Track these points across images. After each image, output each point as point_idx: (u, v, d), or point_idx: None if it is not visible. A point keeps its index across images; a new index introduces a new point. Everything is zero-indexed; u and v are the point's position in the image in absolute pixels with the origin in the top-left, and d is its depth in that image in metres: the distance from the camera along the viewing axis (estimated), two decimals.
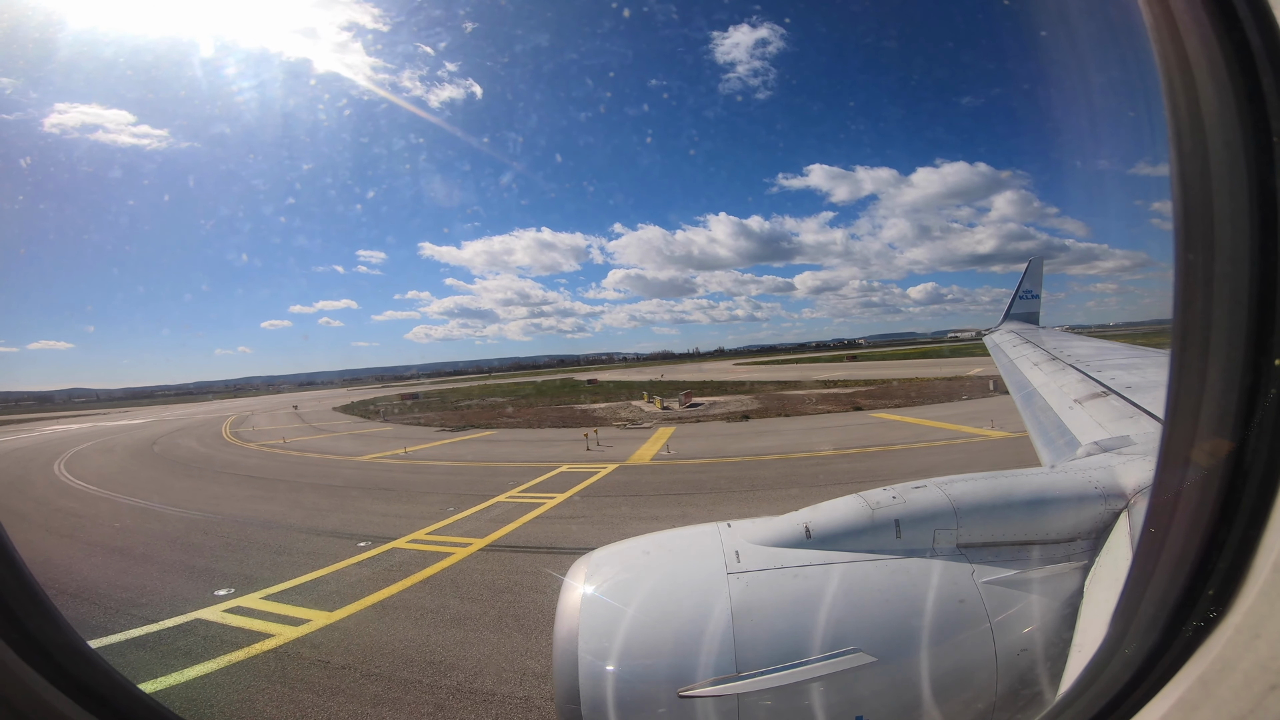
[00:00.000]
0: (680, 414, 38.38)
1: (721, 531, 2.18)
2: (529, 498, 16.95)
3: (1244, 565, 1.04)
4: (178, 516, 17.31)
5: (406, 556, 12.12)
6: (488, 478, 20.67)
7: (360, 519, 15.67)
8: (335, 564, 11.73)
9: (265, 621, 8.95)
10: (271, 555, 12.73)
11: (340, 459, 28.14)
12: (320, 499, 18.72)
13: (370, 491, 19.43)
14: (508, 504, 16.34)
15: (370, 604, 9.47)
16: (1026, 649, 1.81)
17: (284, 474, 24.49)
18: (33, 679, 1.23)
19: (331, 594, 10.04)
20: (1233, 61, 1.02)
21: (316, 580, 10.84)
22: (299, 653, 7.86)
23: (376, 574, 11.03)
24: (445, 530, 14.03)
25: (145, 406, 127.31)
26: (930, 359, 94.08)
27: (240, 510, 17.65)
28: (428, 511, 16.08)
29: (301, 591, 10.29)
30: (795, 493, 15.55)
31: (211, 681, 7.25)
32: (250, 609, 9.54)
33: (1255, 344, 1.03)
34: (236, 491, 20.93)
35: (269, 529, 15.10)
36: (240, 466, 27.46)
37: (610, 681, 1.80)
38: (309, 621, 8.84)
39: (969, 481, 2.16)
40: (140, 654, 8.08)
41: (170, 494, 21.04)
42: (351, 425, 47.24)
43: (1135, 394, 3.78)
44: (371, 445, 32.18)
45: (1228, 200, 1.04)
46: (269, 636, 8.36)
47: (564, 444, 28.13)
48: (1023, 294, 13.86)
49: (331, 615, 9.06)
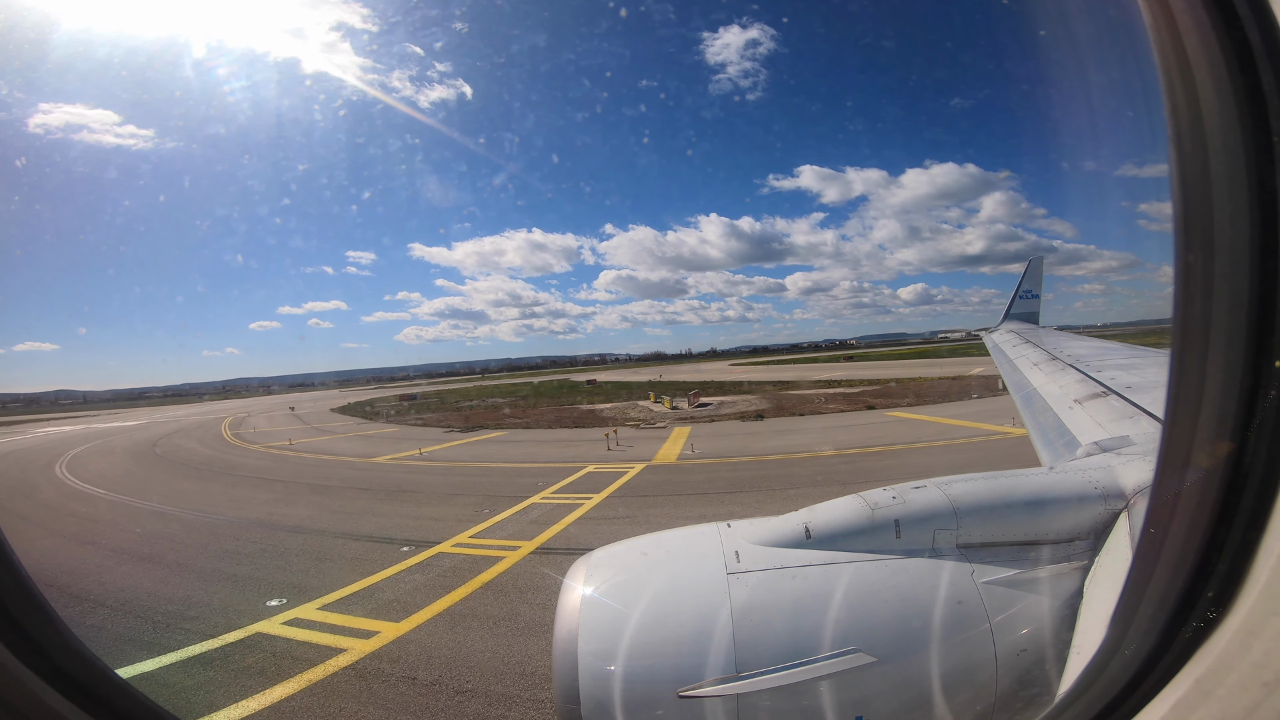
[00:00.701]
0: (691, 414, 38.09)
1: (721, 532, 2.17)
2: (564, 499, 16.60)
3: (1244, 566, 1.04)
4: (201, 521, 16.76)
5: (456, 561, 11.73)
6: (514, 479, 20.28)
7: (394, 522, 15.23)
8: (384, 570, 11.31)
9: (331, 634, 8.52)
10: (313, 562, 12.28)
11: (354, 460, 27.57)
12: (345, 502, 18.23)
13: (395, 494, 18.96)
14: (544, 505, 15.98)
15: (436, 612, 9.08)
16: (1026, 649, 1.81)
17: (300, 476, 23.93)
18: (31, 680, 1.23)
19: (391, 603, 9.63)
20: (1233, 61, 1.02)
21: (370, 588, 10.42)
22: (380, 668, 7.44)
23: (431, 580, 10.64)
24: (487, 533, 13.65)
25: (136, 408, 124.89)
26: (927, 359, 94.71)
27: (265, 514, 17.12)
28: (462, 514, 15.69)
29: (358, 601, 9.87)
30: (836, 490, 14.97)
31: (299, 705, 6.77)
32: (310, 620, 9.11)
33: (1255, 345, 1.02)
34: (255, 495, 20.37)
35: (301, 534, 14.63)
36: (250, 468, 26.84)
37: (610, 682, 1.80)
38: (378, 633, 8.43)
39: (969, 482, 2.16)
40: (210, 674, 7.58)
41: (186, 497, 20.44)
42: (354, 426, 46.52)
43: (1135, 394, 3.78)
44: (382, 446, 31.58)
45: (1228, 201, 1.03)
46: (341, 651, 7.92)
47: (582, 444, 27.77)
48: (1023, 294, 13.80)
49: (400, 626, 8.66)
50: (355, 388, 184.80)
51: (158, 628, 9.11)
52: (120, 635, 8.86)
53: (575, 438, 30.83)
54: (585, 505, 15.56)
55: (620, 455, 23.67)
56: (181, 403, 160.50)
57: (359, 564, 11.88)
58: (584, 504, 15.70)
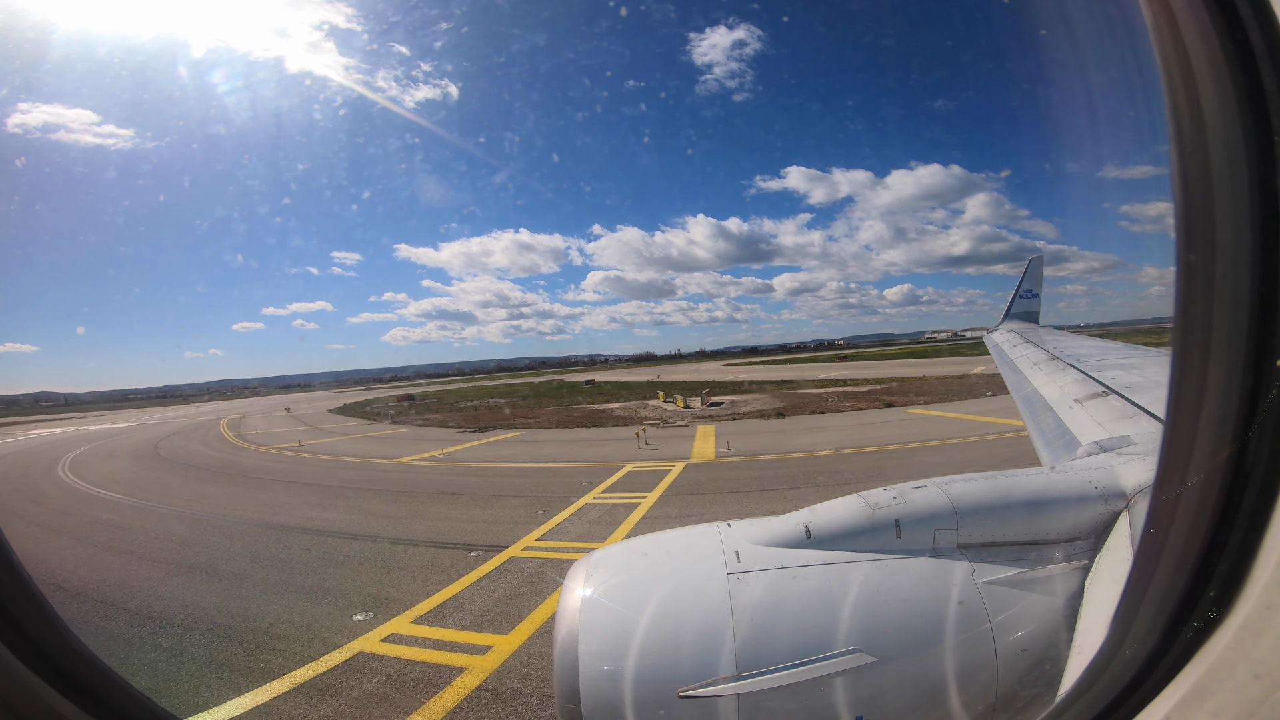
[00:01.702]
0: (707, 412, 37.83)
1: (721, 532, 2.17)
2: (617, 498, 16.22)
3: (1245, 566, 1.03)
4: (238, 528, 16.09)
5: (533, 566, 11.30)
6: (552, 479, 19.84)
7: (448, 526, 14.71)
8: (462, 578, 10.81)
9: (442, 651, 8.00)
10: (380, 570, 11.73)
11: (376, 462, 26.84)
12: (385, 505, 17.62)
13: (435, 496, 18.39)
14: (600, 505, 15.57)
15: (541, 623, 8.63)
16: (1027, 649, 1.81)
17: (326, 478, 23.21)
18: (31, 680, 1.23)
19: (488, 613, 9.16)
20: (1234, 60, 1.02)
21: (458, 598, 9.92)
22: (514, 688, 6.94)
23: (518, 587, 10.19)
24: (553, 535, 13.24)
25: (123, 410, 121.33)
26: (920, 359, 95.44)
27: (304, 519, 16.47)
28: (515, 516, 15.25)
29: (451, 612, 9.37)
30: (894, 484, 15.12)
31: None
32: (409, 636, 8.58)
33: (1256, 345, 1.02)
34: (286, 499, 19.68)
35: (352, 540, 14.05)
36: (270, 471, 26.00)
37: (611, 682, 1.79)
38: (491, 648, 7.95)
39: (969, 482, 2.16)
40: (337, 705, 6.96)
41: (212, 502, 19.70)
42: (358, 427, 45.60)
43: (1136, 394, 3.79)
44: (399, 448, 30.82)
45: (1229, 201, 1.03)
46: (463, 670, 7.43)
47: (608, 443, 27.38)
48: (1023, 293, 13.74)
49: (510, 639, 8.19)
50: (347, 389, 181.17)
51: (249, 649, 8.51)
52: (212, 660, 8.24)
53: (598, 437, 30.41)
54: (643, 505, 15.19)
55: (653, 454, 23.32)
56: (169, 404, 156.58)
57: (431, 572, 11.37)
58: (640, 504, 15.33)
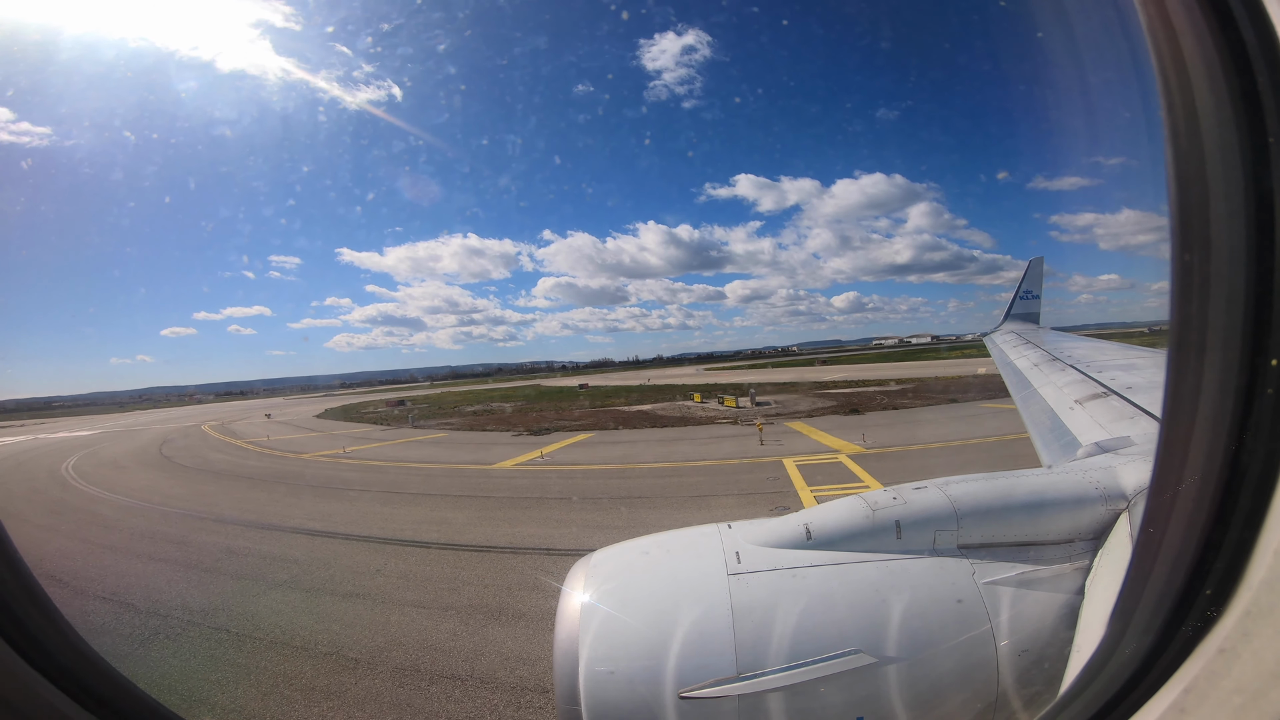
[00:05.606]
0: (762, 412, 36.83)
1: (722, 532, 2.16)
2: (835, 490, 14.96)
3: (1241, 565, 1.03)
4: (364, 544, 13.85)
5: None
6: (740, 475, 18.33)
7: (638, 534, 13.06)
8: None
9: None
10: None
11: (462, 467, 24.26)
12: (548, 511, 15.65)
13: (589, 502, 16.30)
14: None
15: None
16: (1027, 649, 1.80)
17: (427, 488, 20.73)
18: (33, 679, 1.21)
19: None
20: (1228, 61, 1.01)
21: None
22: None
23: None
24: None
25: (52, 419, 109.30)
26: (919, 359, 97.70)
27: (443, 534, 14.36)
28: (708, 517, 13.70)
29: None
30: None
31: None
32: None
33: (1252, 344, 1.01)
34: (399, 511, 17.29)
35: (518, 554, 12.21)
36: (345, 480, 22.84)
37: (611, 683, 1.78)
38: None
39: (969, 482, 2.14)
40: None
41: (282, 509, 17.25)
42: (382, 433, 41.98)
43: (1135, 394, 3.79)
44: (477, 454, 27.61)
45: (1224, 201, 1.02)
46: None
47: (719, 441, 25.86)
48: (1023, 294, 13.87)
49: None
50: (300, 396, 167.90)
51: (433, 679, 7.05)
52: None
53: (693, 435, 28.88)
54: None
55: (788, 449, 22.08)
56: (98, 412, 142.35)
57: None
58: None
